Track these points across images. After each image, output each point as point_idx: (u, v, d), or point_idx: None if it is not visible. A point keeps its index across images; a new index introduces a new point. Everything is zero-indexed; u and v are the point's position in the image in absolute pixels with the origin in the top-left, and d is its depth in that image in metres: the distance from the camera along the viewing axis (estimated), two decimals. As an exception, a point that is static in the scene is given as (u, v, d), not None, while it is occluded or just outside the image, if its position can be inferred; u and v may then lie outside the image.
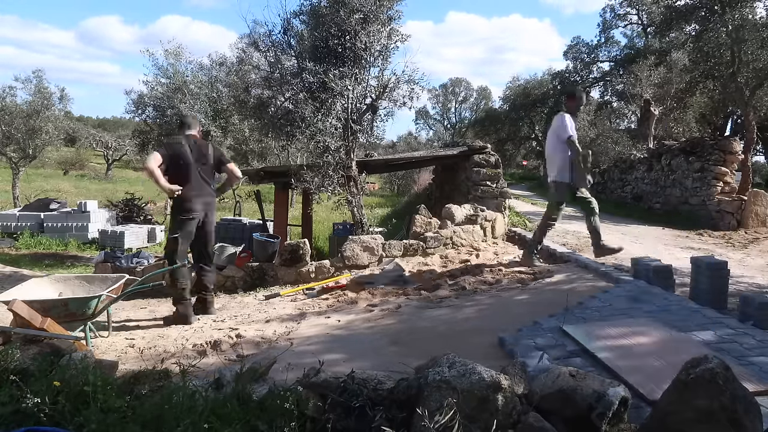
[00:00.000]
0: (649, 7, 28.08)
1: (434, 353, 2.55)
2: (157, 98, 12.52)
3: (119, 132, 43.61)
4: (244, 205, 21.04)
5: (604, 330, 3.53)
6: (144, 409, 2.13)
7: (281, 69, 8.75)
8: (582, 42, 34.13)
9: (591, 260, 6.14)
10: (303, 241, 7.57)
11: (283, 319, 5.13)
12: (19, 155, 19.07)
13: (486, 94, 62.10)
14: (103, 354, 4.14)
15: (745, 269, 6.20)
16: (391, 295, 5.74)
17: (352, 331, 4.47)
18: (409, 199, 21.95)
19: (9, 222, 15.59)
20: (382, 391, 2.23)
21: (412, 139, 46.15)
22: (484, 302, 4.95)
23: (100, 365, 2.78)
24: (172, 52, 12.79)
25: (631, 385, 2.57)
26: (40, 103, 18.45)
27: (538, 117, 35.26)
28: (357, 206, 8.59)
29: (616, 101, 30.69)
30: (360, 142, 8.89)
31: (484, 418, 1.97)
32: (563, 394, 2.13)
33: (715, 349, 3.11)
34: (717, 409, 1.85)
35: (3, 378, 2.39)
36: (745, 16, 12.45)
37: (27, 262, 12.27)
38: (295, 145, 11.94)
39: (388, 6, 8.22)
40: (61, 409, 2.15)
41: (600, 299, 4.51)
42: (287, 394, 2.12)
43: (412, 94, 8.60)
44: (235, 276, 7.62)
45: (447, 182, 12.66)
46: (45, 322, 3.68)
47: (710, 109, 20.57)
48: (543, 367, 2.88)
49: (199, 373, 2.78)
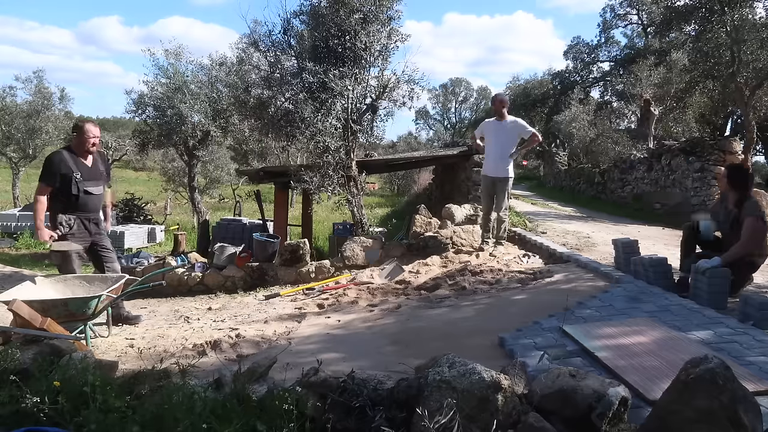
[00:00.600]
0: (649, 7, 28.09)
1: (434, 353, 2.55)
2: (158, 98, 12.50)
3: (119, 132, 43.56)
4: (244, 205, 21.06)
5: (604, 329, 3.53)
6: (144, 409, 2.13)
7: (281, 69, 8.75)
8: (582, 42, 34.16)
9: (591, 260, 6.14)
10: (303, 241, 7.57)
11: (282, 319, 5.13)
12: (19, 155, 19.09)
13: (486, 94, 62.10)
14: (103, 354, 4.13)
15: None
16: (391, 295, 5.74)
17: (352, 331, 4.47)
18: (409, 199, 21.96)
19: (9, 222, 15.60)
20: (382, 391, 2.23)
21: (412, 139, 46.19)
22: (483, 302, 4.94)
23: (100, 365, 2.78)
24: (172, 52, 12.79)
25: (629, 383, 2.58)
26: (41, 103, 18.48)
27: (538, 117, 35.26)
28: (357, 206, 8.59)
29: (616, 101, 30.69)
30: (360, 142, 8.89)
31: (484, 418, 1.97)
32: (563, 394, 2.13)
33: (715, 349, 3.11)
34: (717, 409, 1.85)
35: (3, 378, 2.39)
36: (744, 17, 12.44)
37: (27, 262, 12.26)
38: (295, 145, 11.94)
39: (387, 6, 8.22)
40: (60, 409, 2.15)
41: (600, 299, 4.50)
42: (287, 394, 2.12)
43: (412, 94, 8.61)
44: (235, 276, 7.63)
45: (447, 182, 12.67)
46: (45, 322, 3.68)
47: (710, 109, 20.55)
48: (543, 367, 2.88)
49: (198, 373, 2.77)
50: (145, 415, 2.07)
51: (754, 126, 13.38)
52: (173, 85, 12.44)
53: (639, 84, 20.05)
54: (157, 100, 12.56)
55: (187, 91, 12.30)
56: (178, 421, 1.97)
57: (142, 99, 12.82)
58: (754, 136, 13.54)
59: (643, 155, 14.38)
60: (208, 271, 7.80)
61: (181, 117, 12.23)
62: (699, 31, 13.92)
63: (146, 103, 12.81)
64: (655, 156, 13.29)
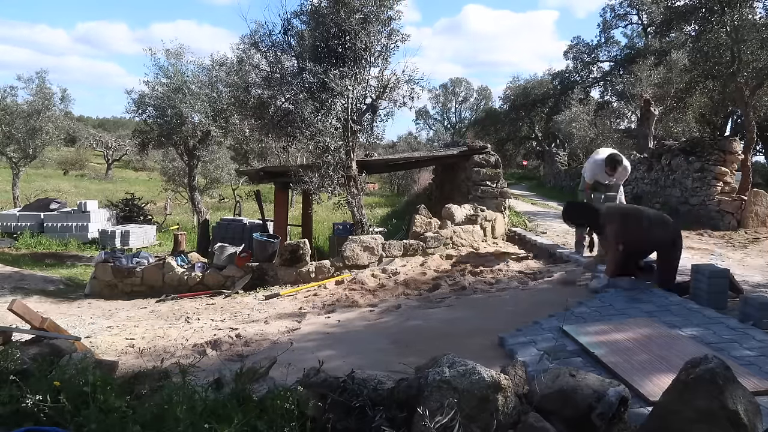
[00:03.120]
0: (649, 7, 28.08)
1: (434, 353, 2.55)
2: (158, 98, 12.49)
3: (119, 132, 43.61)
4: (244, 205, 21.04)
5: (601, 328, 3.54)
6: (144, 409, 2.13)
7: (281, 69, 8.75)
8: (582, 42, 34.14)
9: (591, 260, 6.14)
10: (303, 241, 7.57)
11: (282, 319, 5.13)
12: (20, 155, 19.07)
13: (486, 94, 62.09)
14: (103, 354, 4.14)
15: (745, 269, 6.19)
16: (390, 295, 5.74)
17: (352, 331, 4.47)
18: (409, 199, 21.94)
19: (9, 222, 15.59)
20: (382, 391, 2.23)
21: (412, 139, 46.10)
22: (483, 302, 4.95)
23: (100, 365, 2.78)
24: (173, 52, 12.78)
25: (625, 380, 2.59)
26: (41, 103, 18.46)
27: (538, 117, 35.26)
28: (357, 206, 8.58)
29: (616, 101, 30.69)
30: (360, 142, 8.89)
31: (484, 418, 1.97)
32: (563, 394, 2.13)
33: (715, 349, 3.11)
34: (717, 409, 1.85)
35: (3, 378, 2.39)
36: (744, 17, 12.43)
37: (27, 261, 12.26)
38: (296, 145, 11.94)
39: (388, 6, 8.21)
40: (60, 409, 2.15)
41: (600, 299, 4.50)
42: (287, 394, 2.12)
43: (412, 94, 8.61)
44: (235, 276, 7.63)
45: (447, 182, 12.67)
46: (45, 322, 3.68)
47: (710, 109, 20.55)
48: (543, 367, 2.88)
49: (199, 373, 2.77)
50: (145, 415, 2.07)
51: (754, 126, 13.37)
52: (174, 85, 12.42)
53: (639, 84, 20.04)
54: (157, 100, 12.54)
55: (188, 91, 12.29)
56: (179, 421, 1.97)
57: (143, 99, 12.80)
58: (754, 136, 13.53)
59: (643, 155, 14.37)
60: (208, 271, 7.81)
61: (181, 117, 12.22)
62: (699, 31, 13.93)
63: (146, 103, 12.79)
64: (655, 156, 13.29)
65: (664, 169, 12.46)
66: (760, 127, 17.17)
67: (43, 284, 9.38)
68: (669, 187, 12.22)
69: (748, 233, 8.76)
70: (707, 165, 10.76)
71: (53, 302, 7.66)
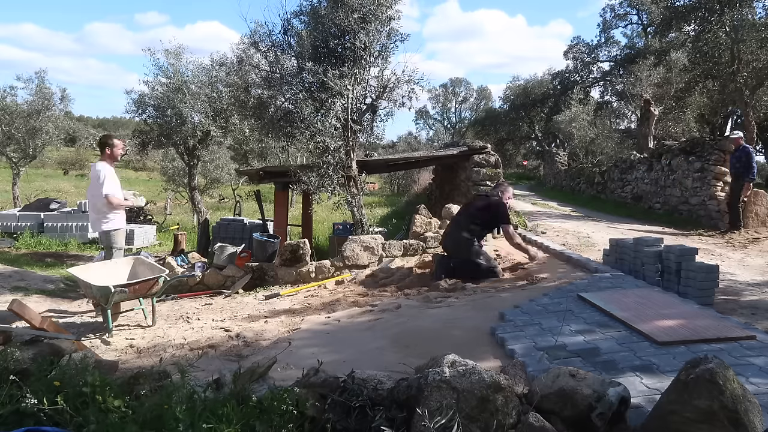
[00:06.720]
0: (649, 7, 28.10)
1: (434, 353, 2.55)
2: (158, 98, 12.48)
3: (119, 132, 43.51)
4: (244, 205, 21.06)
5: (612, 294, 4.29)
6: (144, 409, 2.13)
7: (281, 69, 8.75)
8: (582, 42, 34.18)
9: (591, 260, 6.15)
10: (303, 241, 7.57)
11: (282, 319, 5.13)
12: (20, 155, 19.07)
13: (486, 94, 62.08)
14: (103, 354, 4.14)
15: (745, 269, 6.19)
16: (390, 295, 5.74)
17: (351, 331, 4.47)
18: (409, 199, 21.96)
19: (9, 222, 15.58)
20: (382, 391, 2.23)
21: (412, 139, 46.13)
22: (484, 301, 4.94)
23: (99, 365, 2.78)
24: (172, 52, 12.77)
25: (635, 327, 3.43)
26: (41, 103, 18.45)
27: (538, 117, 35.28)
28: (357, 206, 8.58)
29: (616, 101, 30.73)
30: (360, 142, 8.89)
31: (484, 418, 1.97)
32: (563, 394, 2.13)
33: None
34: (717, 409, 1.85)
35: (3, 378, 2.39)
36: (744, 17, 12.45)
37: (27, 261, 12.25)
38: (295, 145, 11.93)
39: (387, 6, 8.21)
40: (60, 409, 2.15)
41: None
42: (287, 394, 2.12)
43: (411, 94, 8.60)
44: (235, 276, 7.63)
45: (447, 182, 12.67)
46: (45, 322, 3.68)
47: (710, 109, 20.57)
48: (543, 367, 2.88)
49: (198, 373, 2.78)
50: (145, 415, 2.07)
51: (754, 126, 13.39)
52: (173, 85, 12.42)
53: (639, 84, 20.08)
54: (157, 100, 12.53)
55: (187, 91, 12.28)
56: (178, 421, 1.97)
57: (143, 99, 12.80)
58: (754, 136, 13.55)
59: (643, 155, 14.37)
60: (208, 271, 7.80)
61: (181, 117, 12.21)
62: (699, 31, 13.94)
63: (146, 103, 12.78)
64: (655, 156, 13.29)
65: (664, 169, 12.47)
66: (760, 127, 17.19)
67: (42, 284, 9.36)
68: (669, 187, 12.22)
69: (748, 233, 8.76)
70: (707, 165, 10.76)
71: (53, 302, 7.64)
